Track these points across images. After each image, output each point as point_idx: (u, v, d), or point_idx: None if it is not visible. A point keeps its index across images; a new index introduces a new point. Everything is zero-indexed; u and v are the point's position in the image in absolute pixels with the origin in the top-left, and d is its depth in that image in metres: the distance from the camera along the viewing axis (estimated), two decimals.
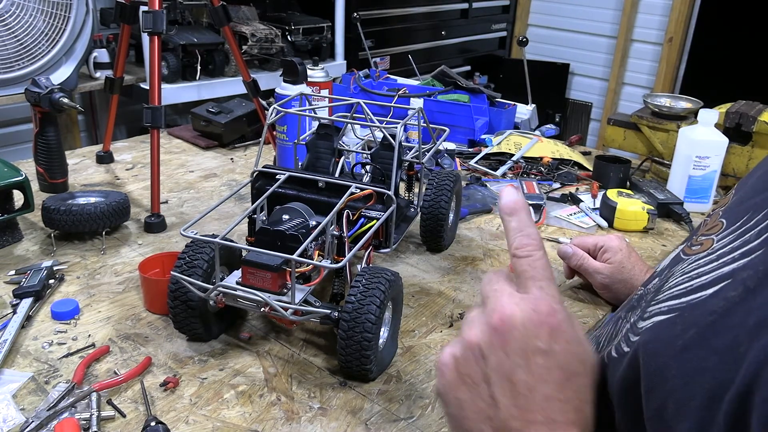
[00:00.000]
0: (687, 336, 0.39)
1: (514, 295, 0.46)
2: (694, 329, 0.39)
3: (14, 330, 0.86)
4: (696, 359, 0.37)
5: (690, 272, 0.43)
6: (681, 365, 0.38)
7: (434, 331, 0.95)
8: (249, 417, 0.76)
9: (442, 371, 0.48)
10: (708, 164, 1.37)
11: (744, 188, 0.51)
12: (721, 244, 0.43)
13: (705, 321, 0.38)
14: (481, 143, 1.71)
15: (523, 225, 0.48)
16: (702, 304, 0.39)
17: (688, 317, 0.40)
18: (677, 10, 3.45)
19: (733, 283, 0.38)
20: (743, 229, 0.41)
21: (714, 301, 0.38)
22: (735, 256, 0.40)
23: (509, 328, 0.44)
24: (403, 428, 0.76)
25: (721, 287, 0.39)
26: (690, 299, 0.41)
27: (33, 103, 1.22)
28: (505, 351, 0.44)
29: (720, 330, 0.37)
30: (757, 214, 0.41)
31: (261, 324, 0.94)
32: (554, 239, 1.25)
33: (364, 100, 1.10)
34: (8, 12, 1.86)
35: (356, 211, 0.95)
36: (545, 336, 0.44)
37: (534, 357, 0.44)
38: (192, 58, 2.33)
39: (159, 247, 1.15)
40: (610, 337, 0.54)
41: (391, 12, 3.21)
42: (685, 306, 0.41)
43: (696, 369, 0.37)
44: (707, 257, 0.43)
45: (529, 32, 4.03)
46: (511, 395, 0.44)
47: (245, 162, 1.60)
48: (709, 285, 0.40)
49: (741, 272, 0.38)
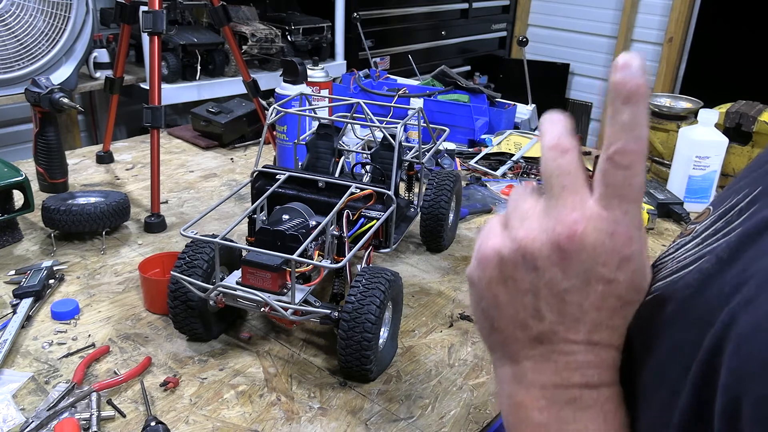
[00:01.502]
0: (667, 312, 0.38)
1: (591, 209, 0.39)
2: (673, 304, 0.38)
3: (14, 330, 0.86)
4: (677, 334, 0.37)
5: (676, 256, 0.43)
6: (663, 339, 0.38)
7: (434, 331, 0.95)
8: (249, 417, 0.76)
9: (482, 264, 0.43)
10: (708, 164, 1.37)
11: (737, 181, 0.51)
12: (705, 225, 0.42)
13: (682, 295, 0.38)
14: (481, 143, 1.71)
15: (639, 122, 0.38)
16: (680, 280, 0.39)
17: (666, 293, 0.40)
18: (677, 10, 3.45)
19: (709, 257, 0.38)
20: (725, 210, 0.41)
21: (690, 276, 0.38)
22: (718, 237, 0.39)
23: (577, 249, 0.39)
24: (403, 428, 0.76)
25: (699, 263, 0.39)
26: (672, 278, 0.41)
27: (33, 103, 1.22)
28: (564, 270, 0.40)
29: (697, 303, 0.37)
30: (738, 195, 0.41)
31: (261, 324, 0.94)
32: None
33: (364, 100, 1.10)
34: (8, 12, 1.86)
35: (356, 211, 0.95)
36: (614, 265, 0.39)
37: (596, 284, 0.40)
38: (192, 58, 2.33)
39: (159, 247, 1.15)
40: None
41: (391, 12, 3.21)
42: (666, 284, 0.41)
43: (676, 344, 0.37)
44: (692, 241, 0.43)
45: (529, 32, 4.03)
46: (559, 313, 0.40)
47: (245, 162, 1.60)
48: (689, 264, 0.40)
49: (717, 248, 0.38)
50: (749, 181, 0.42)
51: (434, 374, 0.85)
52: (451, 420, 0.78)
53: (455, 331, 0.95)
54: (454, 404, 0.80)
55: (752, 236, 0.35)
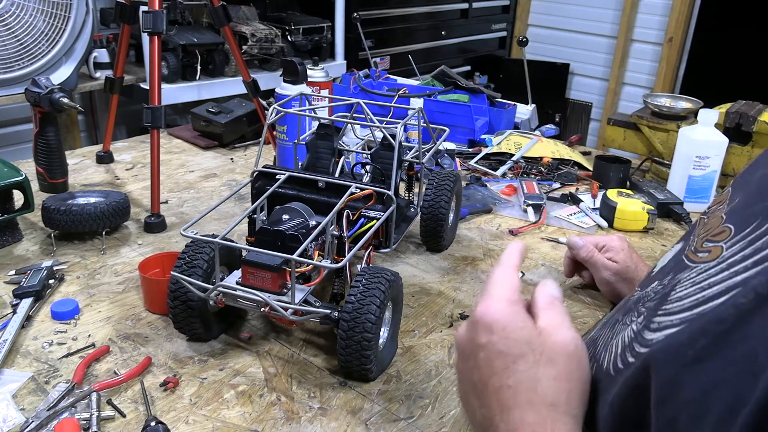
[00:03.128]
0: (698, 346, 0.38)
1: None
2: (705, 339, 0.38)
3: (14, 330, 0.86)
4: (711, 371, 0.36)
5: (700, 282, 0.42)
6: (695, 377, 0.37)
7: (434, 331, 0.95)
8: (249, 417, 0.76)
9: None
10: (708, 164, 1.37)
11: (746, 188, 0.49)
12: (731, 252, 0.41)
13: (716, 330, 0.37)
14: (481, 143, 1.71)
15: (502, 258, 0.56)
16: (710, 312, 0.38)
17: (696, 326, 0.39)
18: (677, 10, 3.45)
19: (744, 291, 0.37)
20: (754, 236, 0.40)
21: (723, 309, 0.37)
22: (747, 264, 0.38)
23: (459, 340, 0.52)
24: (403, 428, 0.76)
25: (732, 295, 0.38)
26: (700, 310, 0.40)
27: (33, 103, 1.22)
28: (463, 359, 0.51)
29: (734, 340, 0.36)
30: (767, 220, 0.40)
31: (261, 324, 0.94)
32: (554, 239, 1.25)
33: (364, 100, 1.10)
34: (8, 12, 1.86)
35: (356, 211, 0.95)
36: (481, 332, 0.49)
37: (477, 354, 0.49)
38: (192, 58, 2.33)
39: (159, 247, 1.15)
40: (606, 341, 0.53)
41: (391, 12, 3.21)
42: (695, 317, 0.40)
43: (712, 381, 0.36)
44: (717, 266, 0.42)
45: (529, 32, 4.03)
46: (477, 395, 0.49)
47: (245, 162, 1.60)
48: (719, 295, 0.39)
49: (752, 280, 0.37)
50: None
51: (434, 374, 0.85)
52: (451, 420, 0.78)
53: (455, 331, 0.95)
54: (454, 404, 0.80)
55: None
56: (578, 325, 0.98)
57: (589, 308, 1.04)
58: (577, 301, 1.06)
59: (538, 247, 1.23)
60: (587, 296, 1.07)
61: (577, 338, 0.50)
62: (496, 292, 0.52)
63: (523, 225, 1.30)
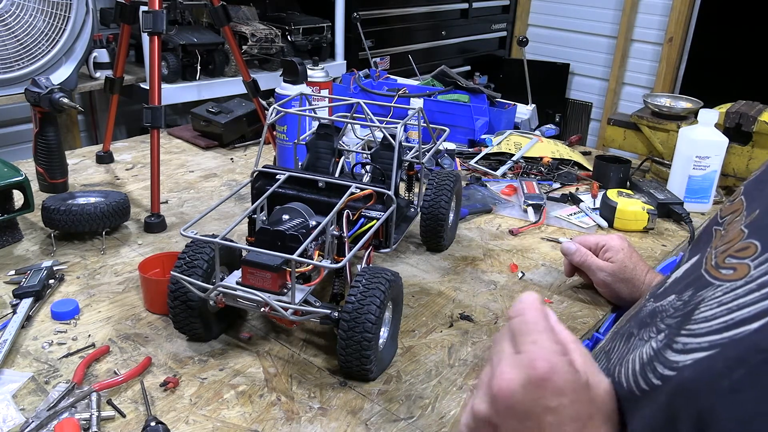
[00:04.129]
0: (735, 376, 0.37)
1: (511, 357, 0.46)
2: (743, 369, 0.37)
3: (14, 330, 0.86)
4: (750, 402, 0.35)
5: (728, 303, 0.41)
6: (733, 408, 0.36)
7: (434, 331, 0.95)
8: (249, 417, 0.76)
9: None
10: (708, 164, 1.37)
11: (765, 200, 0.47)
12: (761, 271, 0.40)
13: (754, 359, 0.36)
14: (481, 143, 1.71)
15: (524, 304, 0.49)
16: (746, 340, 0.37)
17: (731, 354, 0.38)
18: (677, 10, 3.45)
19: None
20: None
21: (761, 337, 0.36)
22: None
23: (511, 394, 0.44)
24: (403, 428, 0.76)
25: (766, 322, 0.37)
26: (732, 334, 0.39)
27: (33, 103, 1.22)
28: (516, 418, 0.44)
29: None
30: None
31: (261, 324, 0.94)
32: (554, 239, 1.25)
33: (364, 100, 1.10)
34: (8, 12, 1.86)
35: (356, 211, 0.95)
36: (550, 394, 0.44)
37: (545, 416, 0.44)
38: (192, 58, 2.33)
39: (159, 247, 1.15)
40: (621, 355, 0.51)
41: (391, 12, 3.21)
42: (728, 342, 0.39)
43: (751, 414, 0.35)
44: (746, 286, 0.40)
45: (529, 32, 4.03)
46: None
47: (245, 162, 1.60)
48: (752, 319, 0.38)
49: None
50: None
51: (434, 374, 0.85)
52: (451, 420, 0.77)
53: (455, 331, 0.95)
54: (454, 404, 0.80)
55: None
56: (578, 325, 0.98)
57: (589, 308, 1.04)
58: (577, 300, 1.06)
59: (538, 247, 1.23)
60: (587, 296, 1.07)
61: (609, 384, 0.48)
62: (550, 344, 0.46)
63: (523, 225, 1.30)
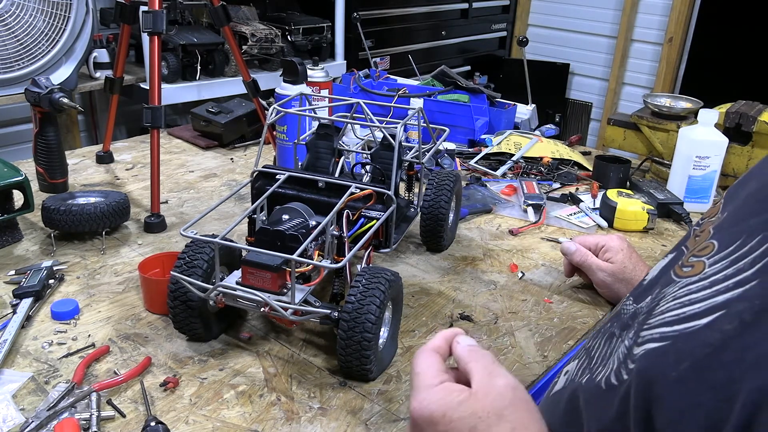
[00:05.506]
0: (681, 368, 0.38)
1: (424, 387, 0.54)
2: (689, 361, 0.38)
3: (14, 330, 0.86)
4: (691, 393, 0.37)
5: (681, 297, 0.42)
6: (676, 398, 0.38)
7: (434, 331, 0.95)
8: (249, 417, 0.76)
9: None
10: (708, 164, 1.37)
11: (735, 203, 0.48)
12: (714, 270, 0.41)
13: (700, 353, 0.37)
14: (481, 143, 1.71)
15: None
16: (696, 335, 0.38)
17: (681, 347, 0.39)
18: (677, 10, 3.45)
19: (728, 316, 0.37)
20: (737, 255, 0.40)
21: (708, 333, 0.38)
22: (729, 285, 0.39)
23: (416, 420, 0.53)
24: (403, 428, 0.76)
25: (714, 318, 0.38)
26: (682, 328, 0.40)
27: (33, 103, 1.22)
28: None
29: (715, 364, 0.36)
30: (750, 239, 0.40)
31: (261, 324, 0.94)
32: (554, 239, 1.25)
33: (364, 100, 1.10)
34: (8, 12, 1.86)
35: (356, 211, 0.95)
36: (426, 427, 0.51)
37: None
38: (192, 58, 2.33)
39: (159, 247, 1.15)
40: (604, 356, 0.53)
41: (391, 12, 3.21)
42: (678, 335, 0.40)
43: (691, 404, 0.36)
44: (699, 283, 0.42)
45: (529, 32, 4.03)
46: None
47: (245, 162, 1.60)
48: (702, 314, 0.39)
49: (736, 304, 0.37)
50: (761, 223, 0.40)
51: None
52: None
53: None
54: None
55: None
56: (578, 325, 0.98)
57: (589, 308, 1.04)
58: (577, 300, 1.06)
59: (538, 247, 1.23)
60: (587, 296, 1.07)
61: (511, 382, 0.51)
62: (421, 382, 0.53)
63: (523, 225, 1.31)
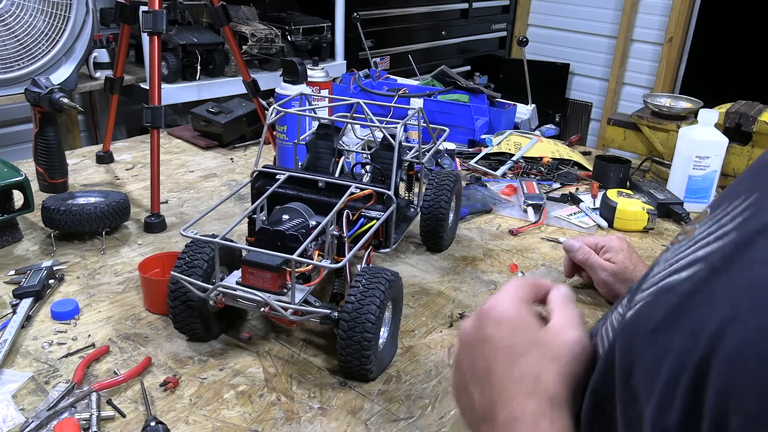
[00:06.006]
0: (657, 318, 0.39)
1: None
2: (664, 310, 0.39)
3: (14, 330, 0.86)
4: (664, 340, 0.37)
5: (671, 259, 0.44)
6: (651, 347, 0.39)
7: (434, 331, 0.95)
8: (249, 417, 0.76)
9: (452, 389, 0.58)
10: (708, 164, 1.37)
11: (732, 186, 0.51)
12: (700, 230, 0.43)
13: (674, 302, 0.39)
14: (481, 143, 1.71)
15: None
16: (675, 287, 0.40)
17: (661, 300, 0.40)
18: (677, 10, 3.45)
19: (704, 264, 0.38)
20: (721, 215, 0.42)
21: (688, 283, 0.39)
22: (709, 239, 0.40)
23: (464, 331, 0.55)
24: (403, 428, 0.76)
25: (693, 270, 0.39)
26: (665, 282, 0.41)
27: (33, 103, 1.22)
28: (467, 350, 0.54)
29: (687, 310, 0.37)
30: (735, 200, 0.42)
31: (261, 324, 0.94)
32: (554, 239, 1.25)
33: (364, 100, 1.10)
34: (8, 12, 1.86)
35: (356, 211, 0.95)
36: (488, 325, 0.52)
37: (484, 345, 0.52)
38: (192, 58, 2.33)
39: (159, 247, 1.15)
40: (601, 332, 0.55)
41: (391, 12, 3.20)
42: (659, 290, 0.41)
43: (664, 350, 0.37)
44: (686, 243, 0.44)
45: (529, 32, 4.03)
46: (479, 385, 0.52)
47: (245, 162, 1.60)
48: (683, 268, 0.40)
49: (712, 255, 0.38)
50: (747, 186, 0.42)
51: (434, 374, 0.85)
52: (451, 420, 0.77)
53: (455, 331, 0.95)
54: (454, 404, 0.80)
55: (744, 245, 0.36)
56: None
57: (590, 308, 1.04)
58: (577, 301, 1.06)
59: (538, 247, 1.23)
60: (587, 296, 1.07)
61: (585, 341, 0.52)
62: (511, 290, 0.55)
63: (523, 225, 1.30)
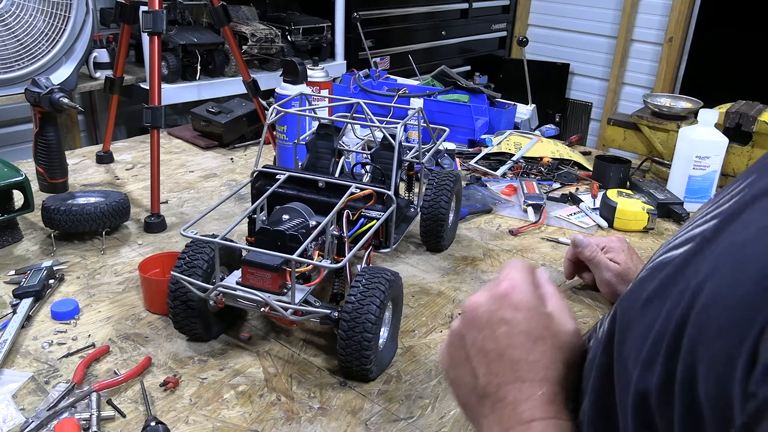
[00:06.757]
0: (650, 289, 0.41)
1: (484, 288, 0.55)
2: (657, 281, 0.40)
3: (14, 330, 0.86)
4: (654, 309, 0.39)
5: (673, 241, 0.45)
6: (643, 315, 0.40)
7: (434, 331, 0.95)
8: (249, 417, 0.76)
9: (441, 360, 0.56)
10: (708, 164, 1.37)
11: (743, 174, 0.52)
12: (700, 213, 0.45)
13: (665, 273, 0.40)
14: (481, 143, 1.71)
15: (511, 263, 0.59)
16: (670, 261, 0.41)
17: (656, 273, 0.41)
18: (677, 10, 3.45)
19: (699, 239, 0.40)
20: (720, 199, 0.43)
21: (681, 258, 0.40)
22: (706, 218, 0.41)
23: (476, 307, 0.53)
24: (403, 428, 0.76)
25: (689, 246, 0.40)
26: (661, 259, 0.43)
27: (33, 103, 1.22)
28: (477, 328, 0.53)
29: (678, 280, 0.38)
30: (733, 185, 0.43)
31: (261, 324, 0.94)
32: (554, 239, 1.25)
33: (364, 100, 1.10)
34: (8, 12, 1.86)
35: (356, 211, 0.95)
36: (507, 307, 0.52)
37: (499, 327, 0.51)
38: (192, 58, 2.33)
39: (159, 247, 1.15)
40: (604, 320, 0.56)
41: (391, 12, 3.20)
42: (656, 265, 0.43)
43: (653, 318, 0.38)
44: (685, 226, 0.45)
45: (529, 32, 4.03)
46: (485, 363, 0.51)
47: (245, 162, 1.60)
48: (679, 245, 0.41)
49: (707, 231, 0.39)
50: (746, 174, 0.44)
51: (434, 374, 0.85)
52: (451, 420, 0.78)
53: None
54: (454, 404, 0.80)
55: (733, 216, 0.37)
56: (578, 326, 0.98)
57: (590, 308, 1.04)
58: (577, 301, 1.06)
59: (538, 247, 1.23)
60: (587, 297, 1.07)
61: (580, 332, 0.54)
62: (523, 275, 0.55)
63: (523, 225, 1.30)
